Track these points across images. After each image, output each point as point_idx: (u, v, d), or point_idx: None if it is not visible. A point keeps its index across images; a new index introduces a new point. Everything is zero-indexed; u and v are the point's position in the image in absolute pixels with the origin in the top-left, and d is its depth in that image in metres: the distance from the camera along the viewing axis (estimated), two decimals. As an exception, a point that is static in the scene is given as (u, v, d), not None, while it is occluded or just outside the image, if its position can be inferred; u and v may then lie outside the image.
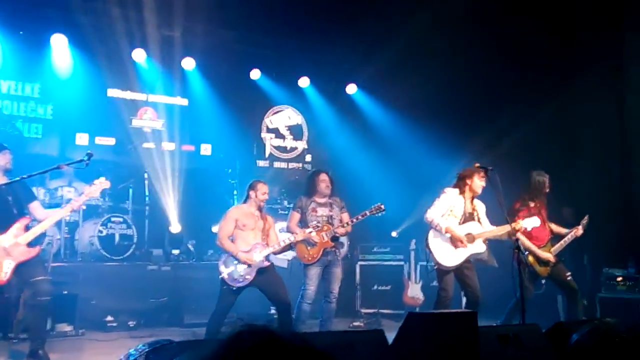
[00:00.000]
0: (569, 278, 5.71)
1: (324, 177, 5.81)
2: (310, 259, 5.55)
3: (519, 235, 5.39)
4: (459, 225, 5.39)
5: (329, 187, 5.76)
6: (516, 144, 7.61)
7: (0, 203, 4.68)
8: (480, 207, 5.53)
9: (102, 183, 5.07)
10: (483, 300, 5.42)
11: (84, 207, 4.95)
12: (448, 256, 5.39)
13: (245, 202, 5.54)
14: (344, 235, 5.84)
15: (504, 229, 5.26)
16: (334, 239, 5.65)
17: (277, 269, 5.62)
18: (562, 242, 5.69)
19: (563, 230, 5.77)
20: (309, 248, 5.57)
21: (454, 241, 5.34)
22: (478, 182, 5.36)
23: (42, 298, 4.68)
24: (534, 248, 5.61)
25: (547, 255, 5.61)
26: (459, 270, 5.46)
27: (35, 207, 4.92)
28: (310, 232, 5.51)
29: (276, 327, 0.80)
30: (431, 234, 5.45)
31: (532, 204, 5.75)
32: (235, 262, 5.28)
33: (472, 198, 5.48)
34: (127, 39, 8.33)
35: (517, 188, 5.92)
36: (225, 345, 0.76)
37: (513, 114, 7.97)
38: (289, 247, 5.58)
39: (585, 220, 5.66)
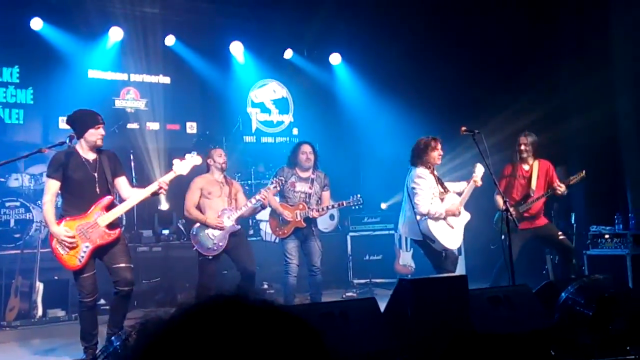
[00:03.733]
0: (561, 237, 5.75)
1: (305, 148, 5.68)
2: (281, 234, 5.58)
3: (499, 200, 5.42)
4: (442, 203, 5.24)
5: (310, 160, 5.65)
6: (506, 111, 7.58)
7: (85, 181, 4.29)
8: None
9: (193, 158, 4.60)
10: (473, 265, 5.48)
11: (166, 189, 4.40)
12: (451, 238, 5.20)
13: (207, 171, 5.51)
14: (317, 218, 5.72)
15: (463, 184, 5.34)
16: (307, 220, 5.58)
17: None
18: (539, 197, 5.72)
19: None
20: (281, 225, 5.58)
21: (449, 218, 5.20)
22: (436, 154, 5.19)
23: (121, 288, 4.30)
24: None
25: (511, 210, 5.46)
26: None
27: (120, 183, 4.47)
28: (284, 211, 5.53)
29: (248, 294, 0.78)
30: (429, 222, 5.10)
31: (514, 166, 5.83)
32: (207, 230, 5.28)
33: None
34: (106, 17, 8.17)
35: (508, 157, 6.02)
36: (189, 311, 0.75)
37: (501, 82, 7.94)
38: (260, 207, 5.57)
39: (576, 176, 5.64)
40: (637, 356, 3.45)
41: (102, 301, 6.41)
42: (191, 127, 9.26)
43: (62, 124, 8.21)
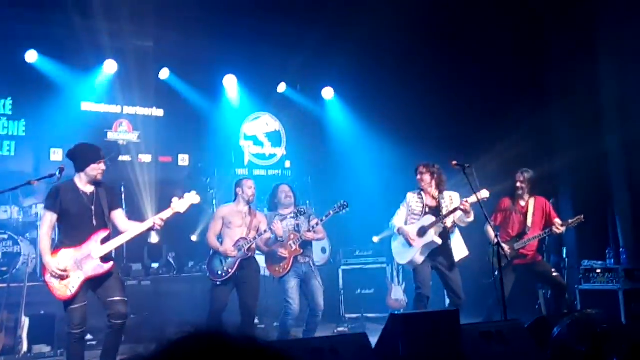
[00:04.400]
0: (554, 274, 5.76)
1: (283, 188, 5.88)
2: (282, 271, 5.55)
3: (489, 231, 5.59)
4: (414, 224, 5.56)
5: (290, 197, 5.78)
6: (497, 145, 7.66)
7: (81, 213, 4.34)
8: (448, 198, 5.55)
9: (191, 197, 4.66)
10: (465, 300, 5.44)
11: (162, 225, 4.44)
12: (402, 254, 5.63)
13: (234, 201, 5.64)
14: (313, 240, 5.77)
15: (455, 211, 5.40)
16: (303, 244, 5.62)
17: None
18: (535, 235, 5.72)
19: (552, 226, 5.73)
20: (278, 262, 5.58)
21: (406, 238, 5.53)
22: (419, 177, 5.61)
23: (115, 321, 4.30)
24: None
25: (505, 247, 5.52)
26: (439, 272, 5.54)
27: (117, 216, 4.53)
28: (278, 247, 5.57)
29: (227, 330, 0.76)
30: (392, 240, 5.83)
31: (512, 201, 5.86)
32: (220, 257, 5.41)
33: (437, 192, 5.57)
34: (100, 50, 8.24)
35: (500, 191, 6.07)
36: (169, 349, 0.73)
37: (493, 119, 8.04)
38: (275, 238, 5.58)
39: (575, 220, 5.64)
40: (631, 393, 3.40)
41: (89, 336, 6.31)
42: (183, 160, 9.26)
43: (54, 155, 8.22)
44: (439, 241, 5.44)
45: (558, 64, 7.79)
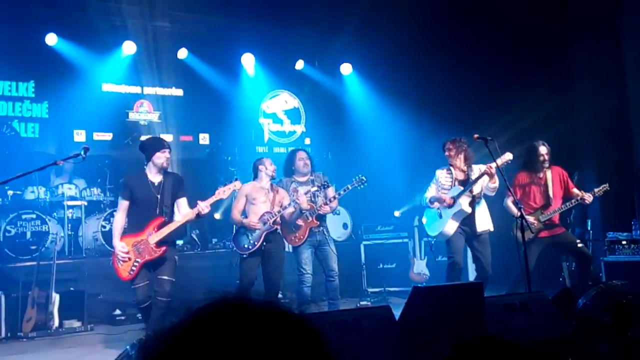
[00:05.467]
0: (579, 245, 5.70)
1: (301, 154, 5.83)
2: (297, 240, 5.60)
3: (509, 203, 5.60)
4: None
5: (307, 165, 5.77)
6: (516, 119, 7.54)
7: (147, 201, 4.79)
8: (478, 171, 5.52)
9: (234, 185, 5.12)
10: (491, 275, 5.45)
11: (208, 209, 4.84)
12: (433, 226, 5.68)
13: (255, 179, 5.70)
14: (329, 212, 5.79)
15: (482, 177, 5.40)
16: (319, 217, 5.64)
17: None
18: (561, 206, 5.66)
19: (578, 195, 5.67)
20: (294, 230, 5.62)
21: (439, 204, 5.60)
22: (447, 154, 5.67)
23: (160, 298, 4.73)
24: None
25: (530, 219, 5.53)
26: (470, 243, 5.63)
27: (180, 203, 4.94)
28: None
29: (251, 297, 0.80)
30: (425, 213, 5.86)
31: (530, 174, 5.79)
32: (246, 231, 5.49)
33: (466, 165, 5.63)
34: (119, 32, 8.29)
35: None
36: (197, 314, 0.78)
37: (512, 91, 7.90)
38: (299, 211, 5.58)
39: (601, 188, 5.57)
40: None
41: (117, 311, 6.48)
42: (204, 139, 9.33)
43: (77, 136, 8.34)
44: (469, 209, 5.47)
45: (581, 32, 7.61)
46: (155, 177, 4.85)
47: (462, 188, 5.51)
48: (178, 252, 7.47)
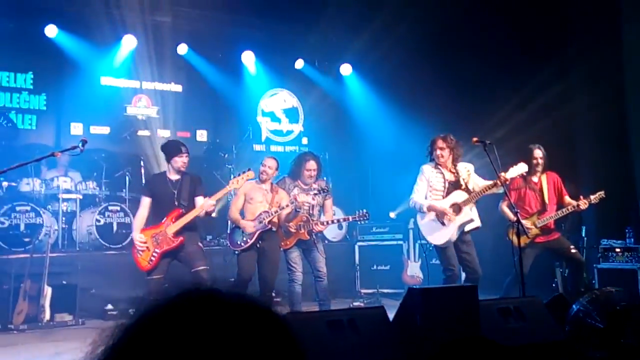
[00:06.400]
0: (573, 251, 5.70)
1: (310, 165, 5.70)
2: (284, 245, 5.63)
3: (504, 208, 5.56)
4: (443, 198, 5.34)
5: (312, 177, 5.72)
6: (514, 123, 7.55)
7: (166, 196, 5.12)
8: (465, 171, 5.42)
9: (247, 174, 5.29)
10: (483, 276, 5.41)
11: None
12: (439, 234, 5.31)
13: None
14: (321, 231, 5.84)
15: (488, 183, 5.24)
16: (311, 232, 5.60)
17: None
18: (558, 212, 5.66)
19: (573, 203, 5.67)
20: (284, 236, 5.63)
21: (441, 216, 5.28)
22: (439, 152, 5.35)
23: None
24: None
25: (527, 224, 5.49)
26: (456, 247, 5.38)
27: (198, 201, 5.19)
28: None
29: (222, 288, 0.82)
30: (418, 217, 5.46)
31: (524, 178, 5.76)
32: (240, 229, 5.53)
33: (453, 165, 5.40)
34: (119, 26, 8.26)
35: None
36: (163, 306, 0.79)
37: (509, 92, 7.91)
38: (295, 211, 5.60)
39: (597, 196, 5.57)
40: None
41: (109, 306, 6.45)
42: (201, 135, 9.31)
43: (74, 129, 8.31)
44: (477, 218, 5.30)
45: (580, 26, 7.61)
46: (173, 176, 5.22)
47: (465, 194, 5.26)
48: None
